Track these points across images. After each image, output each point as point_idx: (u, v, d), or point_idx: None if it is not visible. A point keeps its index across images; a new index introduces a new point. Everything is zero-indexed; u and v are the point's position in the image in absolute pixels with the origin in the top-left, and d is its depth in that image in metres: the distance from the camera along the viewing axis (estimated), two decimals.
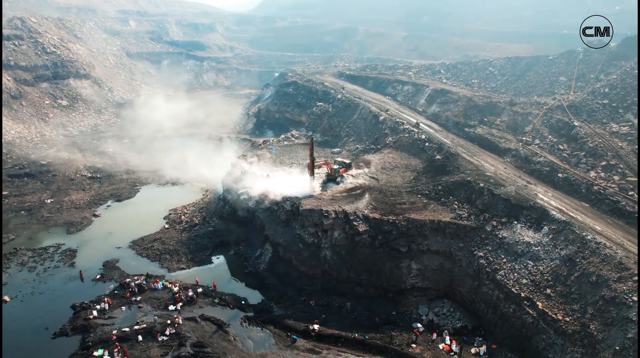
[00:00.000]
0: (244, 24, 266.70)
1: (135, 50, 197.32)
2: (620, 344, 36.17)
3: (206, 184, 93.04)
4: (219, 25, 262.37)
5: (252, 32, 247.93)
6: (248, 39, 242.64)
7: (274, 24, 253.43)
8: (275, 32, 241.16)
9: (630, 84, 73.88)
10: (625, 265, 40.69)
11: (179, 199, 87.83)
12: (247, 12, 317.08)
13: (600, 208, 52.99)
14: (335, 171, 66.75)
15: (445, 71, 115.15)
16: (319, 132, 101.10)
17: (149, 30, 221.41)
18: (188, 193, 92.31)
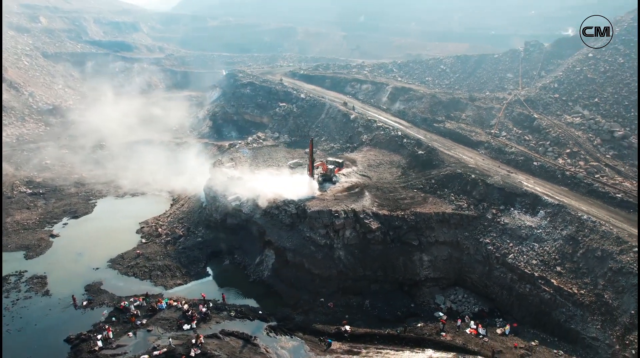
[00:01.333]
0: (171, 24, 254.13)
1: (52, 50, 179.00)
2: (634, 308, 40.91)
3: (174, 193, 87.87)
4: (144, 25, 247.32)
5: (182, 32, 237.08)
6: (178, 40, 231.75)
7: (204, 23, 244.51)
8: (208, 32, 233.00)
9: (574, 80, 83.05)
10: (623, 239, 46.03)
11: (146, 211, 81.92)
12: (170, 11, 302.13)
13: (578, 190, 59.03)
14: (330, 171, 66.67)
15: (398, 70, 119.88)
16: (286, 133, 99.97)
17: (64, 28, 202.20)
18: (154, 204, 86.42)
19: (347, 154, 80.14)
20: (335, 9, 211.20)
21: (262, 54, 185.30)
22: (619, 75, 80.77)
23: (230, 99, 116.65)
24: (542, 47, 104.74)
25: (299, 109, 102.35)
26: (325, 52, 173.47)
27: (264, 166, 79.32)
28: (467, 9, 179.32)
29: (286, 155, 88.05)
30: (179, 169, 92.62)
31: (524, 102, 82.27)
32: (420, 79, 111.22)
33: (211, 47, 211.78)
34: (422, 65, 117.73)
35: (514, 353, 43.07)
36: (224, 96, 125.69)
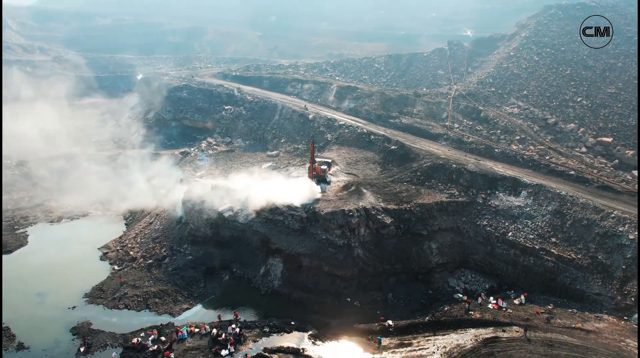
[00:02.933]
0: (48, 21, 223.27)
1: None
2: (624, 263, 49.13)
3: (126, 212, 79.12)
4: (11, 21, 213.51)
5: (65, 31, 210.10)
6: (62, 39, 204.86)
7: (93, 22, 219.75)
8: (99, 32, 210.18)
9: (504, 75, 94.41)
10: (599, 208, 54.62)
11: (98, 236, 72.57)
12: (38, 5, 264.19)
13: (540, 171, 67.79)
14: (324, 171, 66.32)
15: (333, 69, 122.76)
16: (237, 137, 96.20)
17: None
18: (104, 225, 77.01)
19: (322, 154, 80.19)
20: (244, 8, 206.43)
21: (171, 55, 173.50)
22: (537, 71, 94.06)
23: (165, 104, 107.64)
24: (463, 46, 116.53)
25: (248, 112, 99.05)
26: (241, 53, 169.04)
27: (235, 173, 75.66)
28: (376, 10, 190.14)
29: (249, 160, 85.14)
30: (127, 184, 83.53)
31: (467, 96, 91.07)
32: (357, 78, 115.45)
33: (106, 48, 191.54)
34: (356, 64, 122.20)
35: (540, 318, 48.42)
36: (148, 101, 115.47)
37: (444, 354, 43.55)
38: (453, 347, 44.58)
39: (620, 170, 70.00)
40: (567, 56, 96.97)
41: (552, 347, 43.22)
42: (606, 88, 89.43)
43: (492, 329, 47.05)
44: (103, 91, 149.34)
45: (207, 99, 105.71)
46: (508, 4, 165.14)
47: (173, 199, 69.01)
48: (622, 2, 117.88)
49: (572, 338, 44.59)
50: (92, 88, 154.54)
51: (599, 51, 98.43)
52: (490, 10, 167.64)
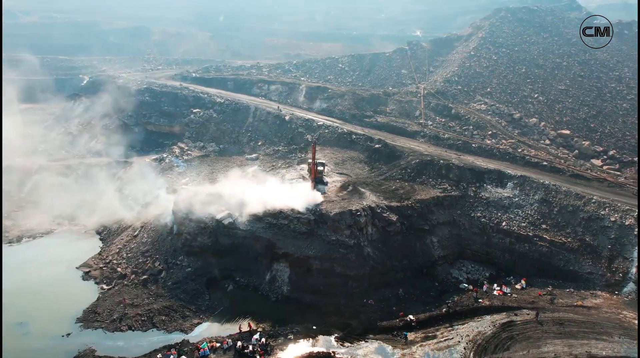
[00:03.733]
0: None
1: None
2: (609, 243, 54.25)
3: (99, 225, 73.53)
4: None
5: None
6: None
7: (13, 19, 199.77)
8: (22, 30, 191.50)
9: (468, 74, 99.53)
10: (581, 194, 59.64)
11: (71, 254, 67.04)
12: None
13: (517, 163, 72.54)
14: (321, 172, 65.86)
15: (296, 69, 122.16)
16: (209, 141, 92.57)
17: None
18: (74, 242, 71.24)
19: (307, 155, 79.54)
20: (190, 7, 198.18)
21: (115, 57, 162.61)
22: (497, 69, 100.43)
23: (125, 108, 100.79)
24: (422, 46, 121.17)
25: (220, 115, 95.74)
26: (192, 54, 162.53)
27: (223, 178, 72.97)
28: (327, 11, 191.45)
29: (229, 164, 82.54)
30: (96, 196, 77.76)
31: (436, 95, 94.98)
32: (322, 78, 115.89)
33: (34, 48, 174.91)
34: (319, 64, 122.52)
35: (544, 300, 51.99)
36: (104, 106, 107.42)
37: (469, 342, 45.30)
38: (475, 334, 46.50)
39: (581, 159, 76.85)
40: (521, 55, 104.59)
41: (563, 325, 46.59)
42: (557, 85, 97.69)
43: (504, 314, 49.66)
44: (41, 95, 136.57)
45: (173, 102, 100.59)
46: (453, 6, 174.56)
47: (160, 209, 65.10)
48: (559, 7, 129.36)
49: (576, 316, 48.37)
50: (28, 93, 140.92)
51: (546, 51, 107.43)
52: (436, 11, 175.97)
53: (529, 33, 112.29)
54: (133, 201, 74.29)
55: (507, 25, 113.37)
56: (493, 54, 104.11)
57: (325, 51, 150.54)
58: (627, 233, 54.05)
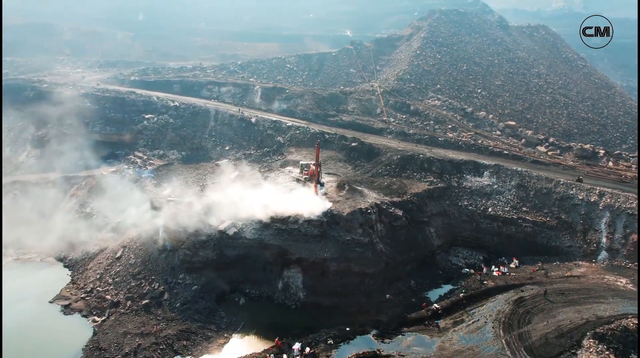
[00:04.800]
0: None
1: None
2: (581, 219, 61.88)
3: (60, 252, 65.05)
4: None
5: None
6: None
7: None
8: None
9: (417, 72, 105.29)
10: (550, 178, 67.01)
11: (33, 286, 59.14)
12: None
13: (484, 153, 78.81)
14: (319, 173, 65.05)
15: (242, 70, 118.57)
16: (167, 148, 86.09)
17: None
18: (31, 273, 62.53)
19: (289, 157, 78.02)
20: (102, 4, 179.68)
21: (16, 58, 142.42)
22: (442, 67, 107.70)
23: (61, 117, 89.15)
24: (365, 46, 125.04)
25: (177, 120, 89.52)
26: (113, 54, 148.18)
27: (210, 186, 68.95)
28: (254, 10, 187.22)
29: (199, 171, 77.98)
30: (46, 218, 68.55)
31: (392, 92, 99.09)
32: (272, 79, 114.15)
33: None
34: (266, 65, 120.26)
35: (539, 274, 57.57)
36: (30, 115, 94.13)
37: (494, 322, 48.61)
38: (496, 313, 50.00)
39: (529, 147, 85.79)
40: (460, 54, 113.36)
41: (564, 294, 52.20)
42: (494, 81, 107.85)
43: (512, 292, 54.04)
44: None
45: (119, 108, 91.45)
46: (378, 7, 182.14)
47: (146, 225, 59.24)
48: (477, 10, 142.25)
49: (571, 285, 54.47)
50: None
51: (480, 50, 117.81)
52: (362, 12, 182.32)
53: (462, 33, 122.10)
54: (101, 220, 66.62)
55: (443, 26, 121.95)
56: (437, 53, 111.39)
57: (262, 51, 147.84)
58: (594, 209, 62.06)
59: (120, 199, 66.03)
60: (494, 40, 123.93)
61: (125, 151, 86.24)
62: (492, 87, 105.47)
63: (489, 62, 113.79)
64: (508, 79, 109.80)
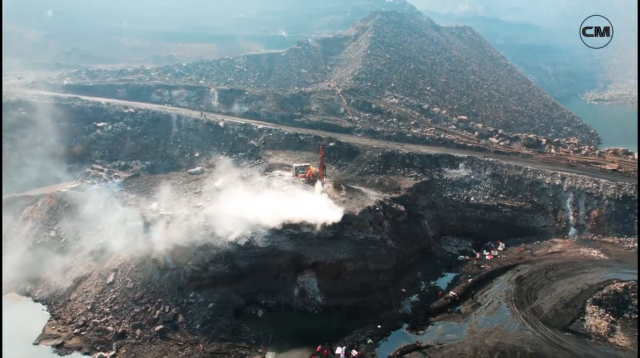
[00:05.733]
0: None
1: None
2: (550, 200, 69.27)
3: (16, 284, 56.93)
4: None
5: None
6: None
7: None
8: None
9: (371, 71, 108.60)
10: (518, 166, 73.83)
11: None
12: None
13: (451, 147, 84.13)
14: (316, 174, 64.29)
15: (189, 72, 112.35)
16: (128, 158, 78.61)
17: None
18: None
19: (270, 161, 75.74)
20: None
21: None
22: (393, 66, 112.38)
23: None
24: (313, 46, 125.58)
25: (136, 127, 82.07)
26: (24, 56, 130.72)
27: (187, 198, 64.50)
28: (185, 9, 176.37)
29: (175, 182, 72.70)
30: None
31: (351, 92, 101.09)
32: (222, 80, 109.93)
33: None
34: (214, 66, 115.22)
35: (527, 254, 63.38)
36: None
37: (506, 301, 52.73)
38: (505, 293, 54.19)
39: (482, 139, 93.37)
40: (406, 53, 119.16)
41: (554, 269, 58.21)
42: (440, 78, 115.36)
43: (510, 273, 58.91)
44: None
45: (65, 117, 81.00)
46: (309, 7, 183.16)
47: (138, 245, 53.88)
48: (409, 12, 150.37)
49: (555, 260, 60.86)
50: None
51: (422, 49, 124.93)
52: (293, 12, 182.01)
53: (404, 34, 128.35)
54: (74, 244, 59.15)
55: (386, 27, 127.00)
56: (386, 53, 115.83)
57: (199, 52, 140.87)
58: (559, 191, 69.79)
59: (97, 218, 59.16)
60: (432, 40, 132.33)
61: (78, 164, 77.01)
62: (439, 85, 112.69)
63: (432, 61, 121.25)
64: (451, 77, 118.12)
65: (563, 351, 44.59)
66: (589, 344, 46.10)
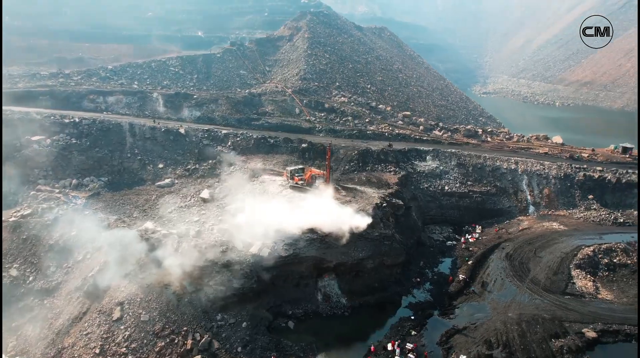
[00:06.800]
0: None
1: None
2: (510, 183, 77.92)
3: None
4: None
5: None
6: None
7: None
8: None
9: (315, 71, 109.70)
10: (478, 155, 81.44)
11: None
12: None
13: (409, 141, 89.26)
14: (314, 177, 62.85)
15: (116, 76, 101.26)
16: (76, 175, 68.56)
17: None
18: None
19: (249, 166, 72.00)
20: None
21: None
22: (334, 66, 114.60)
23: None
24: (247, 46, 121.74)
25: (84, 139, 71.66)
26: None
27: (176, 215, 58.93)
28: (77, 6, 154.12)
29: (149, 198, 66.03)
30: None
31: (301, 92, 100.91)
32: (158, 84, 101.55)
33: None
34: (145, 69, 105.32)
35: (503, 233, 70.36)
36: None
37: (507, 277, 58.11)
38: (501, 270, 59.56)
39: (427, 132, 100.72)
40: (342, 53, 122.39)
41: (532, 244, 65.72)
42: (376, 76, 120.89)
43: (497, 251, 64.80)
44: None
45: None
46: (222, 7, 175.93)
47: (145, 272, 47.85)
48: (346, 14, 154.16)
49: (528, 236, 68.66)
50: None
51: (354, 49, 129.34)
52: (206, 12, 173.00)
53: (335, 34, 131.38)
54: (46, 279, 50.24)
55: (319, 27, 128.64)
56: (325, 53, 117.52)
57: (113, 54, 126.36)
58: (516, 174, 78.78)
59: (71, 247, 50.98)
60: (359, 40, 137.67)
61: (15, 188, 64.70)
62: (377, 83, 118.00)
63: (365, 60, 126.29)
64: (384, 75, 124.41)
65: (572, 312, 50.89)
66: (586, 302, 53.36)
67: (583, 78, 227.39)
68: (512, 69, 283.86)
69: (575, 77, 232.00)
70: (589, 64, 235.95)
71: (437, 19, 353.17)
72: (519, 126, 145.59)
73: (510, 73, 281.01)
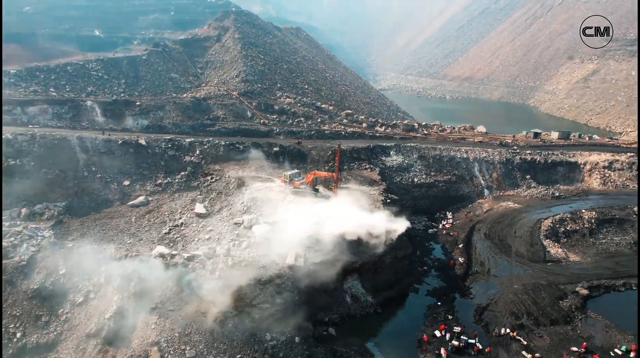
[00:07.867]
0: None
1: None
2: (465, 171, 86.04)
3: None
4: None
5: None
6: None
7: None
8: None
9: (254, 73, 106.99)
10: (435, 146, 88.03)
11: None
12: None
13: (365, 138, 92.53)
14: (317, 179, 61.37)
15: (24, 82, 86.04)
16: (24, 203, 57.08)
17: None
18: None
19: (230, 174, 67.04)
20: None
21: None
22: (270, 67, 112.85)
23: None
24: (172, 47, 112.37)
25: (26, 159, 59.18)
26: None
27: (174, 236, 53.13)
28: None
29: (128, 220, 58.06)
30: None
31: (247, 95, 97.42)
32: (81, 90, 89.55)
33: None
34: (61, 73, 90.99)
35: (471, 216, 77.47)
36: None
37: (495, 254, 64.53)
38: (487, 248, 65.85)
39: (370, 128, 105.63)
40: (274, 54, 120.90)
41: (500, 223, 73.72)
42: (309, 76, 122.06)
43: (475, 234, 71.17)
44: None
45: None
46: (121, 5, 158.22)
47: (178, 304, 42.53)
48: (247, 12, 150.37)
49: (493, 216, 76.78)
50: None
51: (283, 50, 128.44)
52: (100, 9, 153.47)
53: (261, 34, 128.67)
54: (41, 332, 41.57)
55: (245, 27, 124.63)
56: (260, 54, 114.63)
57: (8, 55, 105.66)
58: (468, 162, 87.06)
59: (66, 289, 42.97)
60: (282, 40, 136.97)
61: None
62: (312, 82, 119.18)
63: (295, 60, 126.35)
64: (316, 75, 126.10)
65: (559, 276, 58.86)
66: (565, 266, 62.07)
67: (462, 74, 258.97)
68: (398, 67, 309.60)
69: (456, 73, 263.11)
70: (465, 61, 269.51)
71: (326, 20, 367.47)
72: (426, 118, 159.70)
73: (396, 70, 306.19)
